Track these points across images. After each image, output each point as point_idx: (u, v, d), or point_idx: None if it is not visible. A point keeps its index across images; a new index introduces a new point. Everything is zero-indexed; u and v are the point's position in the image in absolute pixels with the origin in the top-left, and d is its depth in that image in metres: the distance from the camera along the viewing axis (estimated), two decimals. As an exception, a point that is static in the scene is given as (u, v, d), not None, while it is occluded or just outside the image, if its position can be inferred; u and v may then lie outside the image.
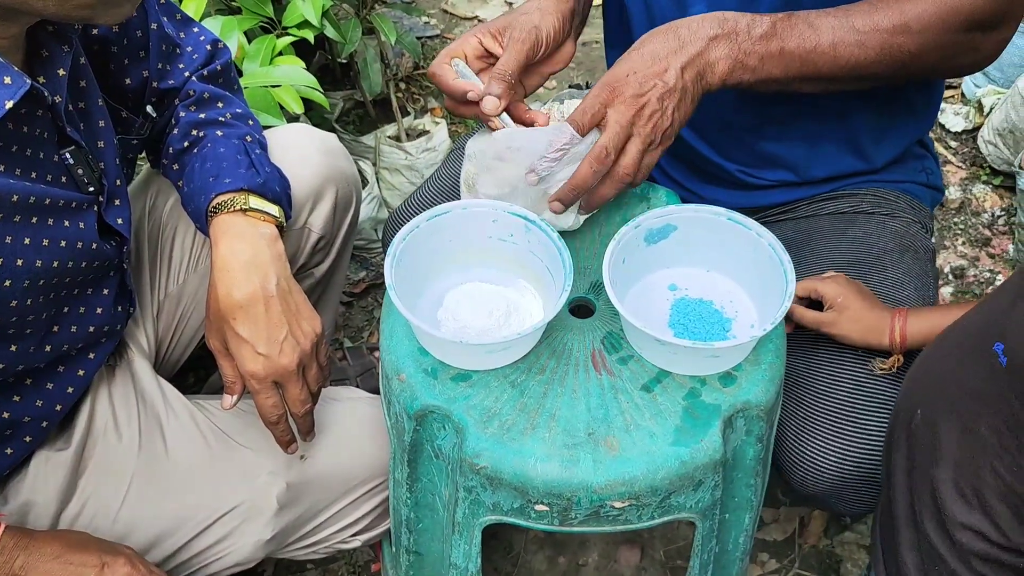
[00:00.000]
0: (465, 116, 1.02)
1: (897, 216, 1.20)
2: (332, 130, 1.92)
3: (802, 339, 1.09)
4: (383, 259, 0.96)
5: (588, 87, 1.14)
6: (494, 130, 0.97)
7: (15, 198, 0.82)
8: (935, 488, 0.85)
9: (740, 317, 0.98)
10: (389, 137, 1.96)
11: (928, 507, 0.86)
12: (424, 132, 1.98)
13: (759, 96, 1.08)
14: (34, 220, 0.85)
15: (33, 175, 0.86)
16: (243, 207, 0.97)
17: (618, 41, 1.23)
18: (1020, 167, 1.91)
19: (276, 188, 1.02)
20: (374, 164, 1.96)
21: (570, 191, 0.95)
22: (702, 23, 0.94)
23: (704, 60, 0.94)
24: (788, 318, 1.09)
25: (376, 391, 1.19)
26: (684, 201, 1.15)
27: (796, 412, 1.05)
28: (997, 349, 0.79)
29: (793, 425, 1.04)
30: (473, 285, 1.00)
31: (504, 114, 0.98)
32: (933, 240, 1.25)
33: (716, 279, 1.01)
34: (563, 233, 0.97)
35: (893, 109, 1.17)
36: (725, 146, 1.19)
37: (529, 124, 1.00)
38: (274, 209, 1.00)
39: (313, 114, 1.83)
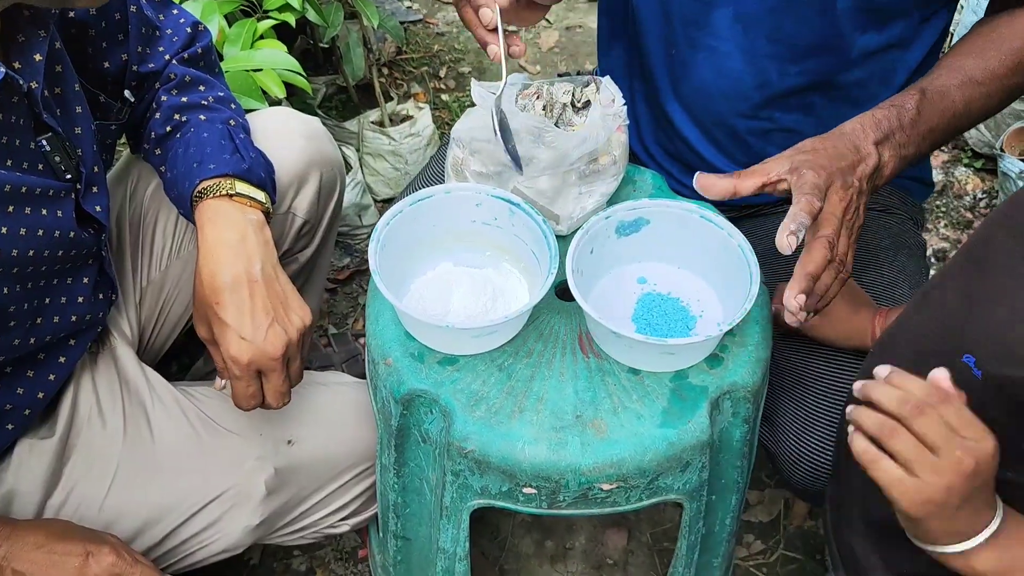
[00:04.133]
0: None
1: (891, 212, 1.20)
2: (315, 115, 1.91)
3: (800, 337, 1.08)
4: (367, 245, 0.95)
5: (579, 74, 1.12)
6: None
7: None
8: None
9: (707, 315, 0.97)
10: (372, 123, 1.94)
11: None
12: (408, 117, 1.97)
13: (772, 102, 1.09)
14: (10, 209, 0.84)
15: (9, 163, 0.84)
16: (229, 192, 0.96)
17: (618, 35, 1.21)
18: (1001, 150, 1.92)
19: (261, 173, 1.01)
20: (357, 150, 1.95)
21: (806, 278, 0.88)
22: (864, 132, 0.94)
23: (877, 167, 0.94)
24: (775, 321, 1.08)
25: (362, 377, 1.18)
26: (672, 188, 1.14)
27: (796, 412, 1.04)
28: (968, 362, 0.76)
29: (795, 425, 1.04)
30: (458, 269, 1.00)
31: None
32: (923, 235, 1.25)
33: (686, 276, 1.00)
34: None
35: None
36: (729, 148, 1.18)
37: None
38: (260, 195, 0.99)
39: (295, 99, 1.81)
